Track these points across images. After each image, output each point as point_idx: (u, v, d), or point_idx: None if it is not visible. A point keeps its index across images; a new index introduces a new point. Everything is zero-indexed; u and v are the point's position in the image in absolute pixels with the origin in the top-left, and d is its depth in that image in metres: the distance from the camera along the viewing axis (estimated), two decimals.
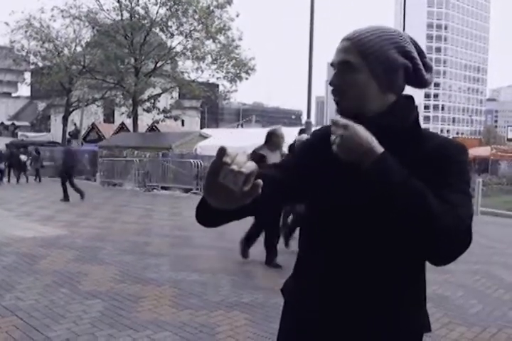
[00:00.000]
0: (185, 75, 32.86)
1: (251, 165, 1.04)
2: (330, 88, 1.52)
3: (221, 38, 31.01)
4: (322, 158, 1.49)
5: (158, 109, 32.02)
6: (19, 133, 46.77)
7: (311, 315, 1.50)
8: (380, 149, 1.32)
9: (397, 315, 1.42)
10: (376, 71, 1.42)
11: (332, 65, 1.49)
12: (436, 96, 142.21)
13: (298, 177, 1.50)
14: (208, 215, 1.28)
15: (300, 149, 1.64)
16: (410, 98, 1.51)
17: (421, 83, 1.52)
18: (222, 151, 1.02)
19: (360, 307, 1.42)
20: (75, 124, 40.34)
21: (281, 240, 7.23)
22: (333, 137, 1.35)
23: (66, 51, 35.36)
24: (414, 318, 1.46)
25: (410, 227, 1.28)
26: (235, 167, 1.01)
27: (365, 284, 1.42)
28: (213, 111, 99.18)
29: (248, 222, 10.18)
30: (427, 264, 1.50)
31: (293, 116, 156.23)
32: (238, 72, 31.76)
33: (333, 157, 1.43)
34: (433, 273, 6.29)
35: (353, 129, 1.31)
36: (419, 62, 1.48)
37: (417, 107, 1.52)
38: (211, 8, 29.88)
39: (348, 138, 1.31)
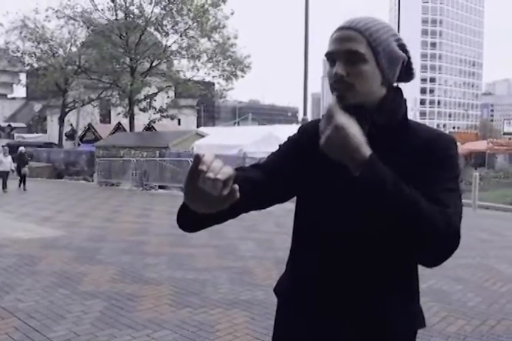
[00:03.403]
0: (181, 74, 32.79)
1: (227, 171, 1.04)
2: (327, 80, 1.40)
3: (216, 36, 30.98)
4: (312, 155, 1.46)
5: (155, 109, 31.95)
6: (16, 135, 46.65)
7: (308, 313, 1.49)
8: (368, 152, 1.26)
9: (390, 310, 1.42)
10: (382, 63, 1.39)
11: (331, 54, 1.40)
12: (432, 91, 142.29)
13: (284, 178, 1.47)
14: (189, 220, 1.28)
15: (287, 146, 1.57)
16: (399, 90, 1.48)
17: (409, 77, 1.50)
18: (197, 159, 1.03)
19: (354, 303, 1.42)
20: (71, 125, 40.23)
21: None
22: (322, 129, 1.29)
23: (61, 51, 35.30)
24: (407, 313, 1.46)
25: (402, 232, 1.27)
26: (211, 174, 1.02)
27: (358, 279, 1.42)
28: (209, 110, 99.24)
29: (244, 220, 10.19)
30: None
31: (289, 114, 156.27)
32: (234, 70, 31.72)
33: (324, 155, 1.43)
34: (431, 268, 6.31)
35: (344, 130, 1.25)
36: (411, 55, 1.47)
37: (405, 100, 1.48)
38: (206, 6, 29.82)
39: (337, 138, 1.25)
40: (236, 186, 1.06)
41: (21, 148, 21.05)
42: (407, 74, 1.49)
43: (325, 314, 1.46)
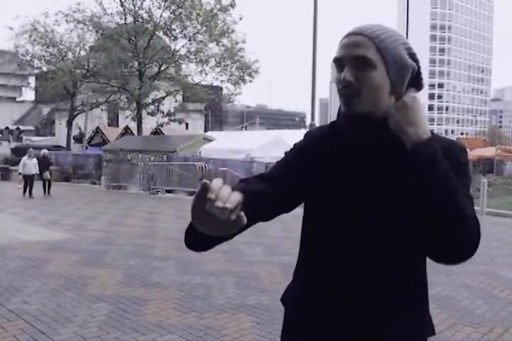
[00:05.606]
0: (189, 78, 32.92)
1: (235, 198, 1.03)
2: (335, 86, 1.41)
3: (224, 40, 31.10)
4: (319, 161, 1.47)
5: (163, 113, 32.07)
6: (24, 138, 46.89)
7: (314, 322, 1.48)
8: (429, 133, 1.32)
9: (399, 319, 1.40)
10: (392, 70, 1.37)
11: (339, 59, 1.40)
12: (440, 97, 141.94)
13: (289, 187, 1.46)
14: (197, 240, 1.27)
15: (293, 153, 1.55)
16: None
17: (418, 86, 1.47)
18: (205, 187, 1.02)
19: (362, 312, 1.40)
20: (79, 128, 40.42)
21: None
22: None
23: (70, 55, 35.51)
24: (418, 322, 1.44)
25: (435, 216, 1.25)
26: (219, 204, 1.01)
27: (367, 288, 1.40)
28: (217, 114, 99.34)
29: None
30: (431, 266, 1.49)
31: (297, 118, 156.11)
32: (242, 74, 31.82)
33: (338, 157, 1.43)
34: (438, 275, 6.29)
35: (419, 103, 1.34)
36: (420, 65, 1.45)
37: None
38: (214, 11, 29.95)
39: (414, 106, 1.31)
40: (242, 213, 1.05)
41: (44, 151, 19.52)
42: (416, 83, 1.47)
43: (332, 323, 1.44)
